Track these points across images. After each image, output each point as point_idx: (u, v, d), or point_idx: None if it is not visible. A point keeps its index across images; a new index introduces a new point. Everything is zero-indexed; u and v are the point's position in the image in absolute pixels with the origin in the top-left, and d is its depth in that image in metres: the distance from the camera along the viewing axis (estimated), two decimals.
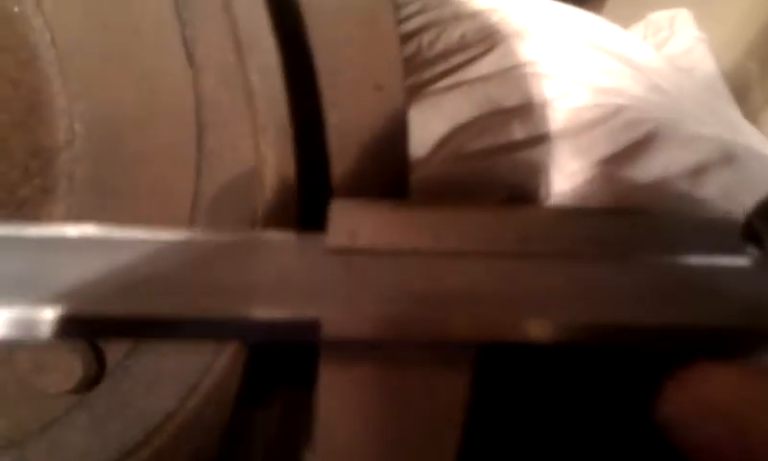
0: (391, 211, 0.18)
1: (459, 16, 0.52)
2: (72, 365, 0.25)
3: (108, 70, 0.24)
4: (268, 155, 0.22)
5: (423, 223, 0.17)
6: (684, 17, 0.55)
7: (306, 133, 0.23)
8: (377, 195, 0.24)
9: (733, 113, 0.46)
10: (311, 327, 0.15)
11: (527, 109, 0.43)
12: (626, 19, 0.59)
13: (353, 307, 0.16)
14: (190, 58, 0.23)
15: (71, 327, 0.17)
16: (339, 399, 0.15)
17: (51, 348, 0.24)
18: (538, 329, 0.15)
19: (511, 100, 0.44)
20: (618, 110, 0.40)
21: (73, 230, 0.19)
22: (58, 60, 0.24)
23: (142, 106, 0.24)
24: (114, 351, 0.25)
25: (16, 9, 0.24)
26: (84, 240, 0.19)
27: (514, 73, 0.45)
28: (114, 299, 0.17)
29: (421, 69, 0.51)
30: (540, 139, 0.42)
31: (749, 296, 0.16)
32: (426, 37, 0.53)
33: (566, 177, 0.38)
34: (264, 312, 0.16)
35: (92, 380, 0.25)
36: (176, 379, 0.26)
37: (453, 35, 0.51)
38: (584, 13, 0.50)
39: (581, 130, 0.41)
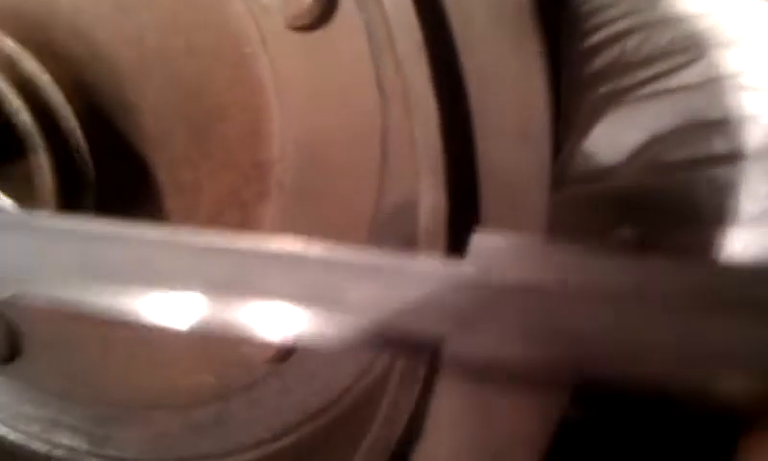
0: (530, 246, 0.20)
1: (667, 20, 0.50)
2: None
3: (315, 102, 0.29)
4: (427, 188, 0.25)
5: (555, 261, 0.19)
6: None
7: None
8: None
9: None
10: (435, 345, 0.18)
11: (729, 124, 0.41)
12: None
13: (474, 334, 0.18)
14: (382, 94, 0.27)
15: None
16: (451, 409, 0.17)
17: None
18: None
19: (714, 112, 0.43)
20: None
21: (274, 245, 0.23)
22: (277, 92, 0.30)
23: (339, 131, 0.29)
24: None
25: (248, 49, 0.30)
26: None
27: (719, 85, 0.43)
28: None
29: (622, 74, 0.50)
30: (740, 156, 0.40)
31: None
32: (632, 41, 0.52)
33: (758, 199, 0.36)
34: (398, 326, 0.19)
35: (285, 355, 0.31)
36: (353, 360, 0.30)
37: (660, 40, 0.50)
38: None
39: None
